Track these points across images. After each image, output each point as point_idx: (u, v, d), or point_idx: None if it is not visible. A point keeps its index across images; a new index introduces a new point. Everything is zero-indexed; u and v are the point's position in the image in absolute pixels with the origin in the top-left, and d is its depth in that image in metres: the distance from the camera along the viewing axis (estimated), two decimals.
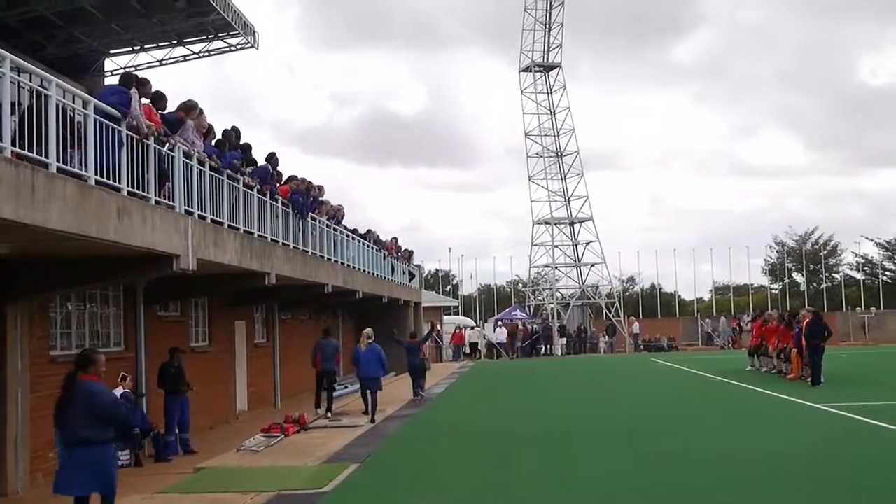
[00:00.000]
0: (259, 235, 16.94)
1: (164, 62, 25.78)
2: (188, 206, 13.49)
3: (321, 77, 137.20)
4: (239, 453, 14.86)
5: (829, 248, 72.34)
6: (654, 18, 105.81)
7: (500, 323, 53.97)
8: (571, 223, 62.85)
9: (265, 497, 10.93)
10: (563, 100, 62.46)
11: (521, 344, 51.34)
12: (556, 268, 62.96)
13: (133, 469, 14.17)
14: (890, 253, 69.69)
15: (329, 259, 23.32)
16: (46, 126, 9.62)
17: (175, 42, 25.08)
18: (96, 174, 10.57)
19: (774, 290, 70.86)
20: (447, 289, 73.07)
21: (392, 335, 26.52)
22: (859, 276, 68.40)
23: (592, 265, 62.51)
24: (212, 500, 11.23)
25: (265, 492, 11.19)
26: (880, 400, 19.64)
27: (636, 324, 56.66)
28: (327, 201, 24.43)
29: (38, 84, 9.84)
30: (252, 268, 16.29)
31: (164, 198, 12.88)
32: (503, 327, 52.94)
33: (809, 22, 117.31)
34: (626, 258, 74.54)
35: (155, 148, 12.47)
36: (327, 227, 23.50)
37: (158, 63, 25.65)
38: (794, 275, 72.19)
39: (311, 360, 21.41)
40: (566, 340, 54.99)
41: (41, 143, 9.47)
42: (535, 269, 66.23)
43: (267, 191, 17.76)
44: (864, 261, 69.65)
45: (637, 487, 10.87)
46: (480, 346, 51.99)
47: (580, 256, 63.08)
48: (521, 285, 71.30)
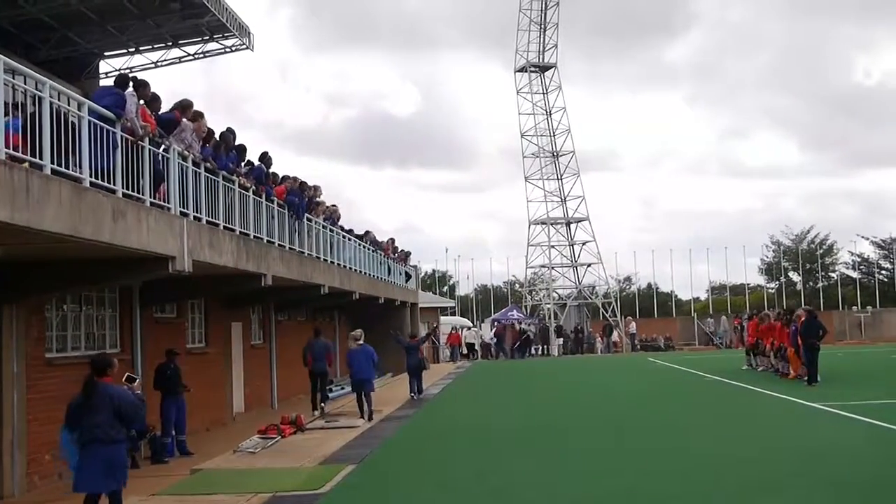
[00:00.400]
0: (255, 237, 16.93)
1: (159, 64, 25.74)
2: (184, 207, 13.48)
3: (314, 78, 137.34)
4: (235, 455, 14.82)
5: (825, 247, 72.47)
6: (645, 19, 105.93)
7: (496, 323, 53.99)
8: (568, 223, 62.88)
9: (261, 499, 10.89)
10: (558, 100, 62.60)
11: (511, 345, 51.25)
12: (553, 268, 63.02)
13: (129, 471, 14.09)
14: (886, 252, 69.71)
15: (325, 260, 23.30)
16: (41, 128, 9.61)
17: (170, 44, 25.02)
18: (91, 176, 10.55)
19: (771, 290, 70.87)
20: (444, 289, 73.08)
21: (392, 334, 26.58)
22: (855, 274, 68.51)
23: (589, 265, 62.57)
24: (208, 501, 11.19)
25: (261, 493, 11.14)
26: (876, 399, 19.61)
27: (633, 324, 56.65)
28: (323, 202, 24.42)
29: (32, 86, 9.84)
30: (248, 269, 16.29)
31: (160, 199, 12.88)
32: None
33: (801, 23, 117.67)
34: (623, 258, 74.76)
35: (150, 149, 12.46)
36: (323, 227, 23.48)
37: (153, 65, 25.62)
38: (791, 274, 72.28)
39: (302, 360, 21.42)
40: (563, 341, 54.95)
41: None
42: (532, 270, 66.40)
43: (263, 192, 17.76)
44: (860, 260, 69.81)
45: (632, 487, 10.85)
46: (477, 347, 51.93)
47: (577, 257, 63.16)
48: (517, 286, 71.33)
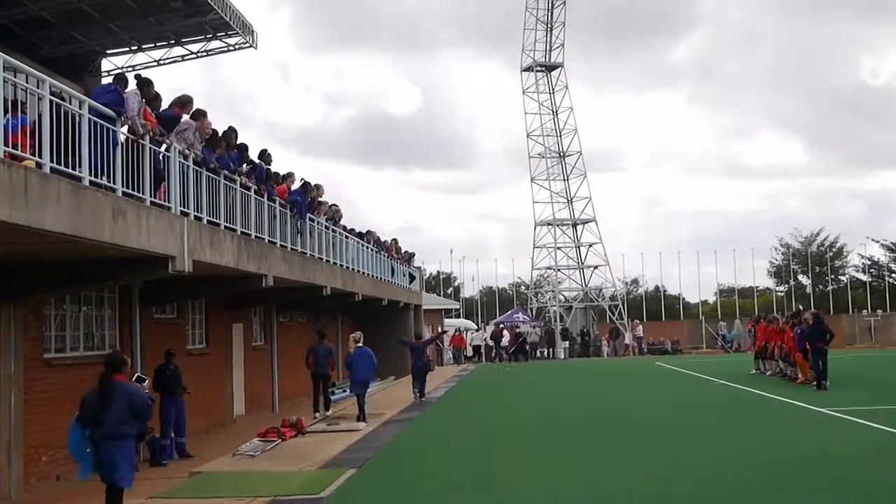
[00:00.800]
0: (256, 237, 16.79)
1: (161, 62, 25.61)
2: (184, 206, 13.35)
3: (314, 77, 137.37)
4: (235, 458, 14.71)
5: (834, 249, 72.10)
6: (647, 19, 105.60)
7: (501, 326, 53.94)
8: (574, 224, 62.63)
9: (261, 502, 10.77)
10: (564, 99, 62.37)
11: (509, 347, 51.21)
12: (559, 270, 62.79)
13: None
14: None
15: (328, 261, 23.15)
16: (40, 126, 9.50)
17: (173, 42, 24.92)
18: (91, 175, 10.42)
19: (780, 293, 70.59)
20: (448, 291, 72.94)
21: (395, 338, 26.47)
22: (865, 277, 68.04)
23: (595, 267, 62.24)
24: None
25: (261, 497, 11.02)
26: (885, 403, 19.46)
27: (640, 327, 56.42)
28: (325, 202, 24.26)
29: (33, 85, 9.74)
30: (249, 269, 16.16)
31: (160, 199, 12.75)
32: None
33: (803, 22, 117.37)
34: (630, 260, 74.56)
35: (150, 148, 12.34)
36: (326, 228, 23.33)
37: (156, 63, 25.49)
38: (800, 277, 71.91)
39: (305, 361, 21.37)
40: (569, 344, 54.79)
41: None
42: (538, 272, 66.17)
43: (265, 192, 17.62)
44: (870, 262, 69.30)
45: (635, 489, 10.80)
46: (483, 350, 51.79)
47: (583, 258, 62.90)
48: (523, 287, 71.10)
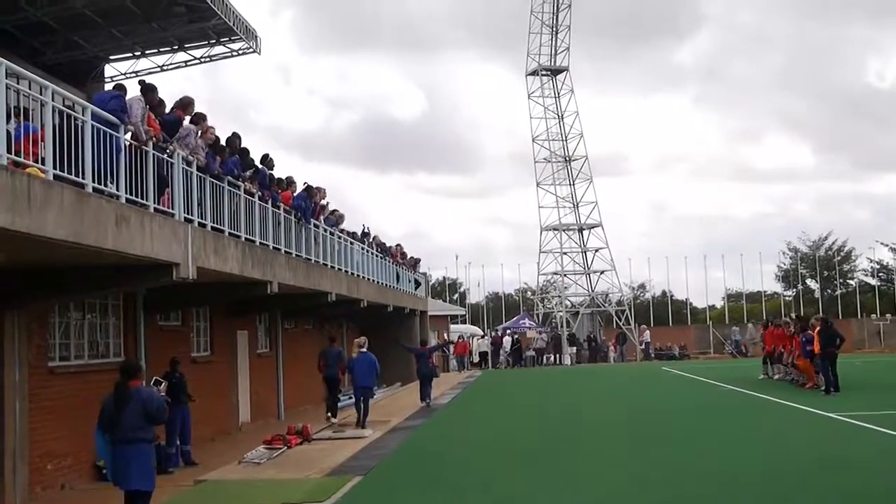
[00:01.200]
0: (261, 243, 16.71)
1: (164, 68, 25.57)
2: (188, 213, 13.27)
3: (318, 81, 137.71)
4: (240, 465, 14.65)
5: (842, 253, 71.72)
6: (652, 21, 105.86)
7: (508, 332, 53.85)
8: (580, 229, 62.51)
9: None
10: (570, 104, 62.26)
11: (506, 354, 51.17)
12: (565, 275, 62.64)
13: None
14: None
15: (333, 267, 23.05)
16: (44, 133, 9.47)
17: (176, 47, 24.90)
18: (94, 181, 10.35)
19: (788, 297, 70.34)
20: (454, 297, 72.85)
21: (400, 343, 26.39)
22: (874, 281, 67.65)
23: (602, 272, 62.10)
24: None
25: None
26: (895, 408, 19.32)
27: (647, 332, 56.21)
28: (326, 205, 23.97)
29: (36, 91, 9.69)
30: (254, 276, 16.07)
31: (164, 205, 12.67)
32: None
33: (810, 24, 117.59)
34: (636, 265, 74.36)
35: (154, 154, 12.26)
36: (331, 234, 23.21)
37: (159, 69, 25.45)
38: (808, 281, 71.57)
39: (317, 365, 21.61)
40: (576, 349, 54.61)
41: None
42: (544, 277, 66.03)
43: (269, 198, 17.53)
44: (878, 266, 68.90)
45: (643, 496, 10.79)
46: (489, 356, 51.64)
47: (589, 263, 62.72)
48: (529, 293, 70.97)
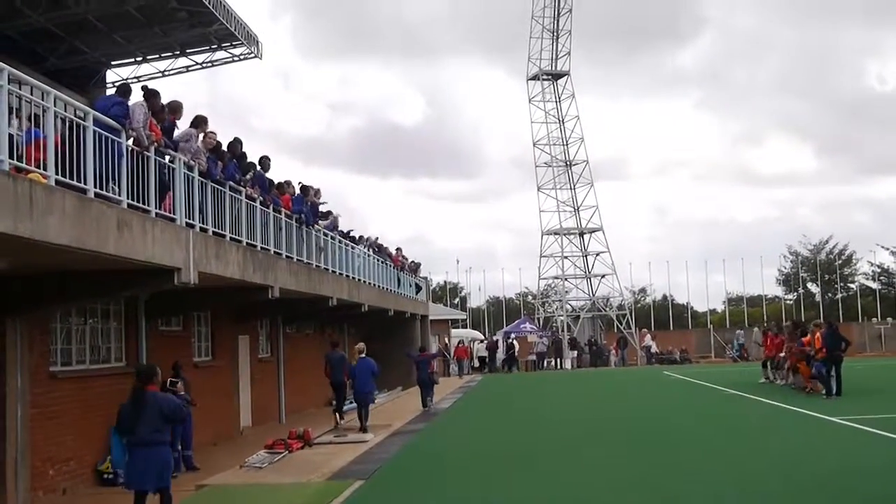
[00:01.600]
0: (262, 248, 16.71)
1: (166, 73, 25.60)
2: (189, 218, 13.27)
3: (319, 86, 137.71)
4: (242, 470, 14.63)
5: (843, 257, 71.63)
6: (652, 25, 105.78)
7: (510, 336, 53.93)
8: (581, 233, 62.52)
9: None
10: (571, 108, 62.29)
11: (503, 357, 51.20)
12: (566, 279, 62.63)
13: None
14: None
15: (334, 271, 23.05)
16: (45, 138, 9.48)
17: (178, 52, 24.93)
18: (96, 186, 10.36)
19: (789, 301, 70.26)
20: (455, 301, 72.82)
21: (404, 351, 26.48)
22: (875, 285, 67.62)
23: (603, 276, 62.11)
24: None
25: None
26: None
27: (648, 336, 56.16)
28: (317, 202, 23.75)
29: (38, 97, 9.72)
30: (255, 281, 16.07)
31: (166, 210, 12.68)
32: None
33: (811, 27, 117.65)
34: (637, 269, 74.23)
35: (155, 159, 12.27)
36: (332, 239, 23.20)
37: (161, 74, 25.48)
38: (809, 285, 71.53)
39: (324, 370, 21.82)
40: (577, 353, 54.58)
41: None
42: (545, 281, 66.03)
43: (270, 202, 17.54)
44: (879, 270, 68.84)
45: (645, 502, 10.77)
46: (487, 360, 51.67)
47: (590, 267, 62.72)
48: (530, 297, 70.94)
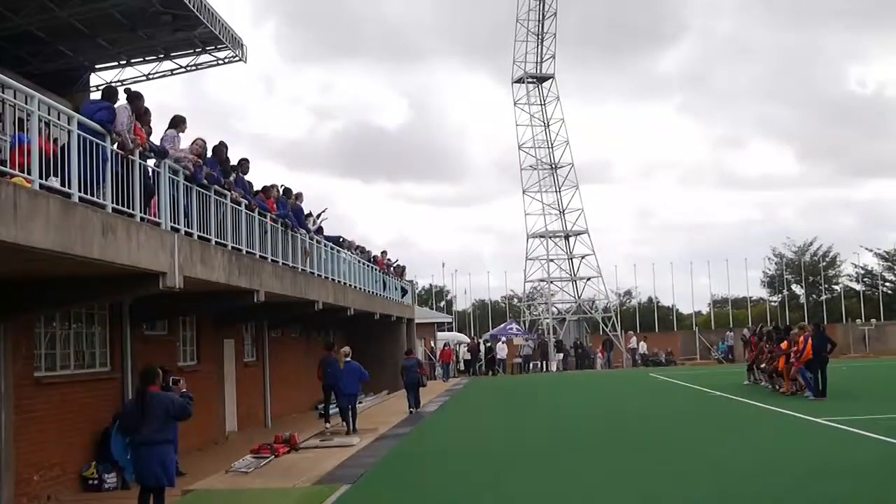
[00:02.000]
0: (247, 252, 16.67)
1: (150, 76, 25.46)
2: (174, 222, 13.23)
3: (302, 90, 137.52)
4: (228, 475, 14.59)
5: (827, 259, 72.03)
6: (636, 30, 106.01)
7: (490, 339, 54.12)
8: (566, 236, 62.59)
9: None
10: (556, 111, 62.37)
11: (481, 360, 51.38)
12: (552, 282, 62.71)
13: (120, 492, 13.98)
14: (890, 264, 69.27)
15: (319, 275, 23.02)
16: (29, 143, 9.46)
17: (162, 56, 24.78)
18: (80, 191, 10.33)
19: (773, 303, 70.55)
20: (441, 304, 72.81)
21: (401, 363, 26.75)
22: (859, 287, 67.97)
23: (588, 279, 62.18)
24: None
25: None
26: (881, 413, 19.42)
27: (634, 338, 56.32)
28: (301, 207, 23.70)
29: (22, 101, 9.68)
30: (240, 285, 16.03)
31: (151, 214, 12.64)
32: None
33: (792, 32, 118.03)
34: (623, 271, 74.47)
35: (140, 164, 12.23)
36: (317, 243, 23.16)
37: (145, 77, 25.32)
38: (794, 287, 71.83)
39: (317, 374, 21.76)
40: (563, 356, 54.67)
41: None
42: (530, 284, 66.10)
43: (255, 206, 17.50)
44: (863, 272, 69.28)
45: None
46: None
47: (576, 270, 62.81)
48: (516, 300, 71.00)
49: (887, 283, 68.35)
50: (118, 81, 24.52)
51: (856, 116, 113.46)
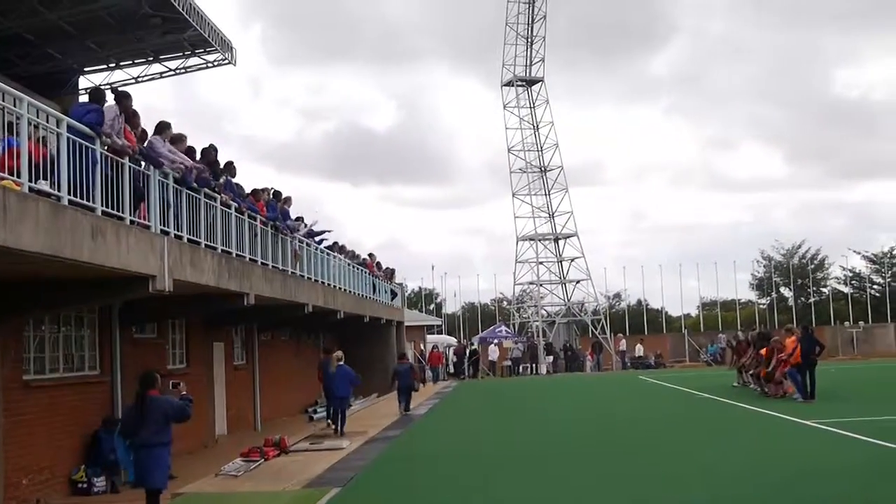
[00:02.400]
0: (237, 255, 16.64)
1: (139, 79, 25.41)
2: (164, 225, 13.20)
3: (291, 93, 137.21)
4: (218, 478, 14.58)
5: (816, 262, 72.25)
6: (626, 32, 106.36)
7: (493, 342, 54.20)
8: (556, 239, 62.67)
9: None
10: (545, 114, 62.43)
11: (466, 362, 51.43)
12: (541, 285, 62.77)
13: (109, 496, 13.92)
14: (877, 266, 69.65)
15: (309, 278, 22.99)
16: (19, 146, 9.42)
17: (151, 59, 24.76)
18: (70, 194, 10.30)
19: (762, 305, 70.70)
20: (430, 307, 72.76)
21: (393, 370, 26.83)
22: (847, 289, 68.26)
23: (578, 282, 62.28)
24: None
25: None
26: (868, 415, 19.50)
27: (623, 341, 56.37)
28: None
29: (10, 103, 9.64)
30: (230, 288, 16.00)
31: (140, 217, 12.61)
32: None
33: (782, 34, 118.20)
34: (612, 274, 74.55)
35: (130, 167, 12.20)
36: (307, 246, 23.14)
37: (134, 80, 25.27)
38: (782, 289, 72.00)
39: (317, 376, 22.52)
40: (553, 358, 54.66)
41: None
42: (520, 287, 66.14)
43: (245, 209, 17.47)
44: (851, 274, 69.57)
45: None
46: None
47: (565, 273, 62.86)
48: (505, 303, 71.00)
49: (875, 286, 68.61)
50: (107, 84, 24.49)
51: (846, 118, 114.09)
